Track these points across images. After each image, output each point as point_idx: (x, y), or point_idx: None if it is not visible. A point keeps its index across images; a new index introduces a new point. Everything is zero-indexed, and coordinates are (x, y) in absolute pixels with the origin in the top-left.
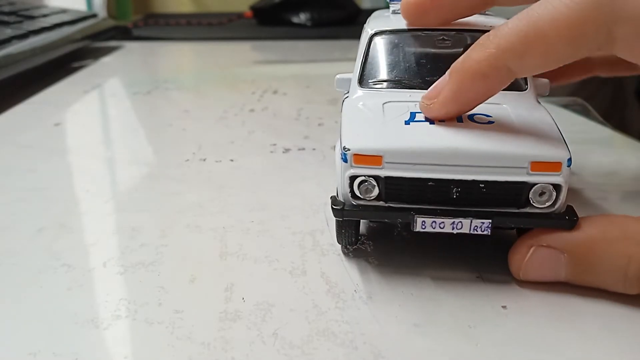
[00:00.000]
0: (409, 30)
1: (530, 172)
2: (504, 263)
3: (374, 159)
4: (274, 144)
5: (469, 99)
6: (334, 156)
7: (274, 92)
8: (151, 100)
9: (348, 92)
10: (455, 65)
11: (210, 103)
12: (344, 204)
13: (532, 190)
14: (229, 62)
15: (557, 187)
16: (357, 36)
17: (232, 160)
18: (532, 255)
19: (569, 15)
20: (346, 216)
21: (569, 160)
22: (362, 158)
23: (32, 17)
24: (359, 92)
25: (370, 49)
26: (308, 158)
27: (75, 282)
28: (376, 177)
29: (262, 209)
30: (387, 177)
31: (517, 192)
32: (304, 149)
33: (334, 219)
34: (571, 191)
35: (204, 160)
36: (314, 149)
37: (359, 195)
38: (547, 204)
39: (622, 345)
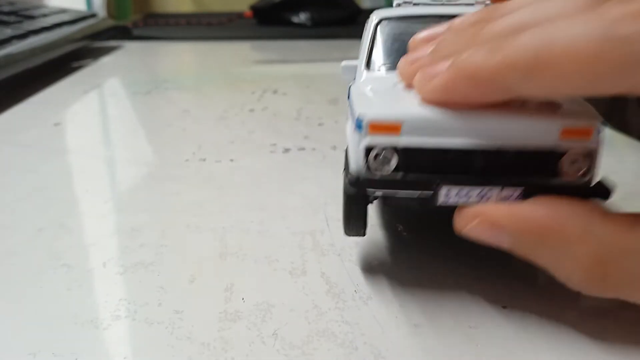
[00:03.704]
0: (415, 16)
1: (561, 138)
2: (504, 263)
3: (392, 126)
4: (274, 144)
5: (457, 98)
6: (338, 157)
7: (274, 92)
8: (151, 100)
9: (354, 80)
10: (458, 57)
11: (210, 103)
12: (358, 176)
13: (563, 159)
14: (229, 62)
15: (589, 155)
16: (358, 36)
17: (232, 160)
18: (474, 227)
19: (587, 48)
20: (361, 189)
21: (601, 126)
22: (379, 126)
23: (31, 17)
24: (366, 75)
25: (377, 35)
26: (308, 158)
27: (75, 282)
28: (394, 148)
29: (262, 209)
30: (406, 147)
31: (547, 160)
32: (304, 149)
33: (343, 205)
34: None
35: (204, 160)
36: (314, 149)
37: (375, 168)
38: (579, 173)
39: (624, 345)
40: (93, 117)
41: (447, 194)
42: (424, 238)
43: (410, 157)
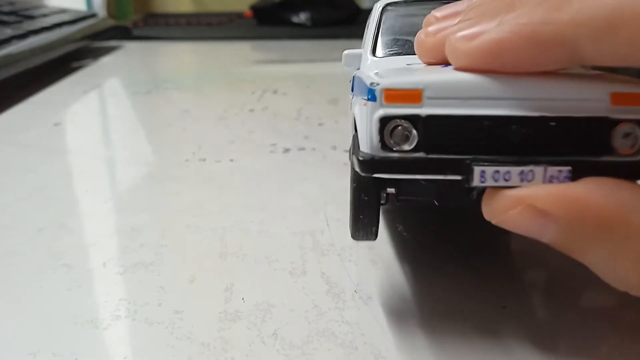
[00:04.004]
0: (421, 0)
1: (611, 106)
2: (505, 262)
3: (411, 94)
4: (274, 144)
5: (508, 62)
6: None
7: (274, 92)
8: (151, 100)
9: (358, 69)
10: (510, 16)
11: (210, 103)
12: (373, 155)
13: (615, 130)
14: (229, 62)
15: None
16: (358, 36)
17: (232, 160)
18: (516, 215)
19: None
20: (377, 171)
21: None
22: (396, 94)
23: (31, 17)
24: (373, 59)
25: (383, 21)
26: (308, 158)
27: (75, 282)
28: (415, 119)
29: (262, 209)
30: (428, 117)
31: (597, 133)
32: (304, 149)
33: (350, 203)
34: None
35: (204, 160)
36: (314, 149)
37: (392, 145)
38: (633, 148)
39: (626, 344)
40: (93, 117)
41: (482, 175)
42: (424, 238)
43: (435, 131)
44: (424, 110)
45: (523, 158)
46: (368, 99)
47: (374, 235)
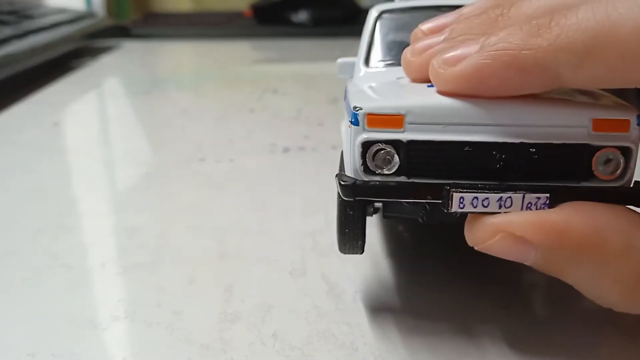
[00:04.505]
0: (416, 7)
1: (593, 132)
2: (503, 263)
3: (393, 119)
4: (274, 144)
5: (490, 87)
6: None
7: (273, 91)
8: (150, 100)
9: (351, 78)
10: (491, 40)
11: (210, 102)
12: (355, 179)
13: (595, 157)
14: (229, 62)
15: (625, 152)
16: (358, 35)
17: (231, 160)
18: (496, 243)
19: None
20: (359, 195)
21: (638, 118)
22: (378, 118)
23: (31, 17)
24: (365, 71)
25: (377, 29)
26: (308, 158)
27: (74, 282)
28: (396, 143)
29: (261, 209)
30: (410, 142)
31: (577, 159)
32: (304, 148)
33: (336, 217)
34: None
35: (204, 160)
36: (314, 149)
37: (374, 168)
38: (615, 174)
39: (628, 344)
40: (92, 117)
41: (461, 201)
42: (424, 238)
43: (416, 156)
44: (405, 136)
45: (502, 184)
46: (352, 123)
47: (361, 249)
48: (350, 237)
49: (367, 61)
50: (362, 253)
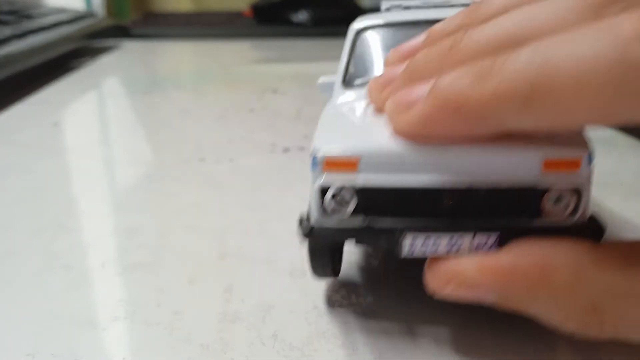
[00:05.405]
0: (398, 24)
1: (543, 172)
2: None
3: (348, 163)
4: (274, 144)
5: (438, 132)
6: None
7: (273, 91)
8: (150, 100)
9: (330, 99)
10: (440, 83)
11: (210, 102)
12: (312, 226)
13: (545, 197)
14: (229, 61)
15: (576, 191)
16: None
17: (231, 160)
18: (452, 291)
19: (598, 75)
20: (315, 238)
21: (590, 156)
22: (334, 162)
23: (31, 17)
24: (342, 93)
25: (356, 47)
26: (308, 158)
27: (74, 282)
28: (351, 187)
29: (261, 209)
30: (363, 186)
31: (527, 199)
32: (303, 148)
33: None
34: None
35: (203, 160)
36: None
37: (331, 212)
38: (566, 212)
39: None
40: (92, 116)
41: (412, 244)
42: None
43: (370, 198)
44: (359, 178)
45: (452, 225)
46: (311, 165)
47: (334, 274)
48: (320, 265)
49: (344, 81)
50: (336, 276)
